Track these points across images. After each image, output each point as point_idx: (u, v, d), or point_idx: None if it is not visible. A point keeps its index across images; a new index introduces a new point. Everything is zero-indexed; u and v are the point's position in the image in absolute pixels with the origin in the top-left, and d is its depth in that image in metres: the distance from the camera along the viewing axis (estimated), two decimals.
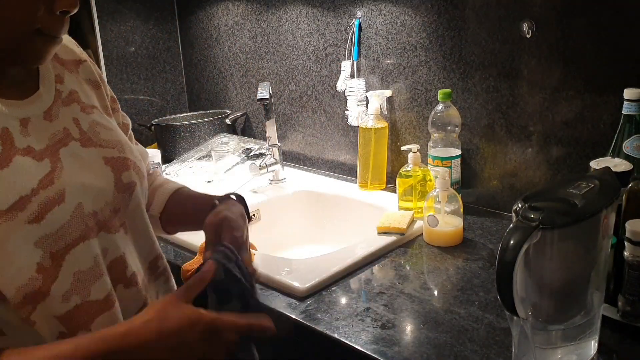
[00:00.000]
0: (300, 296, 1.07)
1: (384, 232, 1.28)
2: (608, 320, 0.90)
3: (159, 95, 2.19)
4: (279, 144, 1.69)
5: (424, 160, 1.42)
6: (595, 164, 0.96)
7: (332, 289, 1.10)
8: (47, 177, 0.72)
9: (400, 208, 1.40)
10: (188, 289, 0.74)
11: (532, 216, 0.74)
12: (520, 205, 0.77)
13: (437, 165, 1.40)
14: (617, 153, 1.02)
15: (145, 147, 1.13)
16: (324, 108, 1.75)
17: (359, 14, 1.57)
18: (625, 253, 0.87)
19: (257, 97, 1.61)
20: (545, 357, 0.83)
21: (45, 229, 0.70)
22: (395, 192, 1.44)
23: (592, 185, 0.80)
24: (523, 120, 1.33)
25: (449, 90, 1.38)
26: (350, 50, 1.62)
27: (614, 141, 1.04)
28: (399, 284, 1.11)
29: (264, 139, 1.76)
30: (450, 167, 1.39)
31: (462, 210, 1.26)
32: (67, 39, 0.88)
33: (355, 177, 1.64)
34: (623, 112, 1.03)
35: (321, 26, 1.68)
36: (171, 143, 1.95)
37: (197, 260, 1.22)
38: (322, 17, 1.66)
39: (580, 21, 1.20)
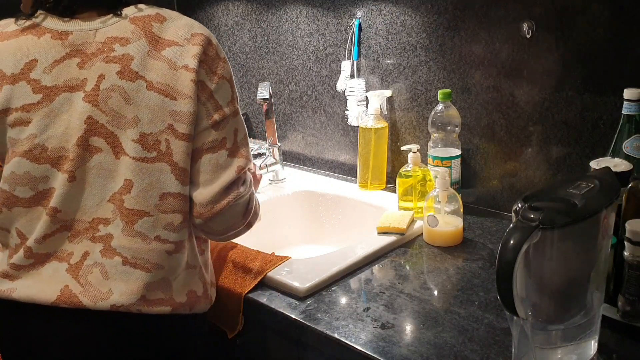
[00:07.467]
0: (300, 296, 1.07)
1: (384, 232, 1.28)
2: (608, 320, 0.90)
3: None
4: (279, 144, 1.69)
5: (424, 160, 1.42)
6: (595, 164, 0.96)
7: (332, 289, 1.10)
8: None
9: (400, 208, 1.40)
10: None
11: (532, 216, 0.74)
12: (520, 205, 0.77)
13: (437, 165, 1.40)
14: (617, 153, 1.02)
15: None
16: (324, 108, 1.75)
17: (359, 14, 1.57)
18: (625, 253, 0.87)
19: (257, 97, 1.61)
20: (545, 357, 0.83)
21: None
22: (395, 192, 1.44)
23: (592, 185, 0.80)
24: (523, 120, 1.33)
25: (449, 90, 1.38)
26: (350, 50, 1.62)
27: (614, 141, 1.04)
28: (399, 284, 1.11)
29: (264, 139, 1.76)
30: (450, 167, 1.39)
31: (462, 210, 1.26)
32: None
33: (355, 177, 1.64)
34: (623, 112, 1.03)
35: (321, 26, 1.68)
36: None
37: None
38: (322, 17, 1.66)
39: (580, 21, 1.20)
